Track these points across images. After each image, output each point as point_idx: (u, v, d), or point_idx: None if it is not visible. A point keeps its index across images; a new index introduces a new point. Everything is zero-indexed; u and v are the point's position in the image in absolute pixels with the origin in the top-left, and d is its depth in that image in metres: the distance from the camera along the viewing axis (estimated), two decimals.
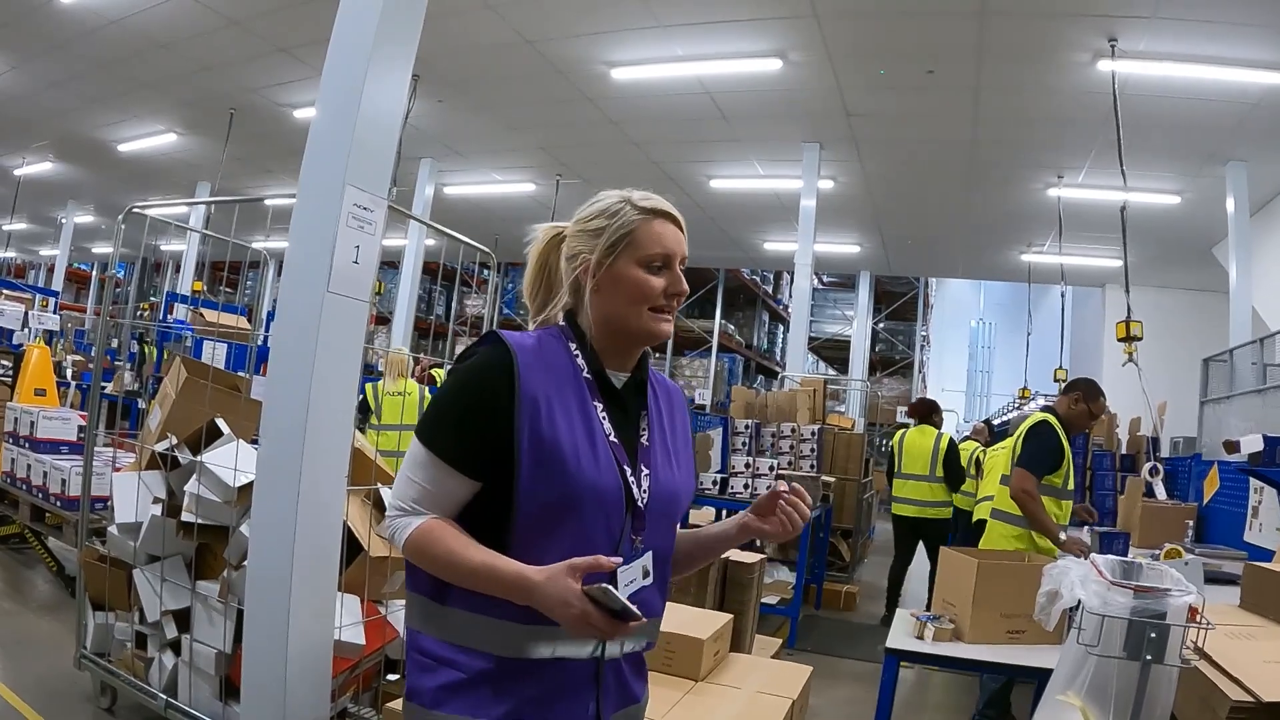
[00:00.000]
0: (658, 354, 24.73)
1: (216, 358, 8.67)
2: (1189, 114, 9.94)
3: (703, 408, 21.78)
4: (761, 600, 5.37)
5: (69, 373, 12.62)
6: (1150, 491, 7.18)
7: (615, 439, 1.75)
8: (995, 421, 19.68)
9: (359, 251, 3.37)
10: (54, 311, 14.91)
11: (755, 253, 20.36)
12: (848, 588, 9.53)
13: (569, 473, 1.65)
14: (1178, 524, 6.56)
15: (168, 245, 24.57)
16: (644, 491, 1.75)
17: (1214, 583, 4.54)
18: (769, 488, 1.91)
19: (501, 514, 1.66)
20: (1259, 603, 3.54)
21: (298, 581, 3.19)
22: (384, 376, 7.92)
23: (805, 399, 9.78)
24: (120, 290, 25.66)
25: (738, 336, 26.03)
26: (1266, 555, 5.22)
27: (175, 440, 4.23)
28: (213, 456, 3.98)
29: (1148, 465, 7.51)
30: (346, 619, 3.57)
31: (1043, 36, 8.77)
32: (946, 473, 8.75)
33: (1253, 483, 5.97)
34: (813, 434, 9.12)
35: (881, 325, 25.81)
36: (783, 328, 28.75)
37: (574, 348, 1.79)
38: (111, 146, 16.34)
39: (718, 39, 9.63)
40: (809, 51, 9.67)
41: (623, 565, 1.64)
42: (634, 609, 1.48)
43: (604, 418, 1.75)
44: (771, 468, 8.38)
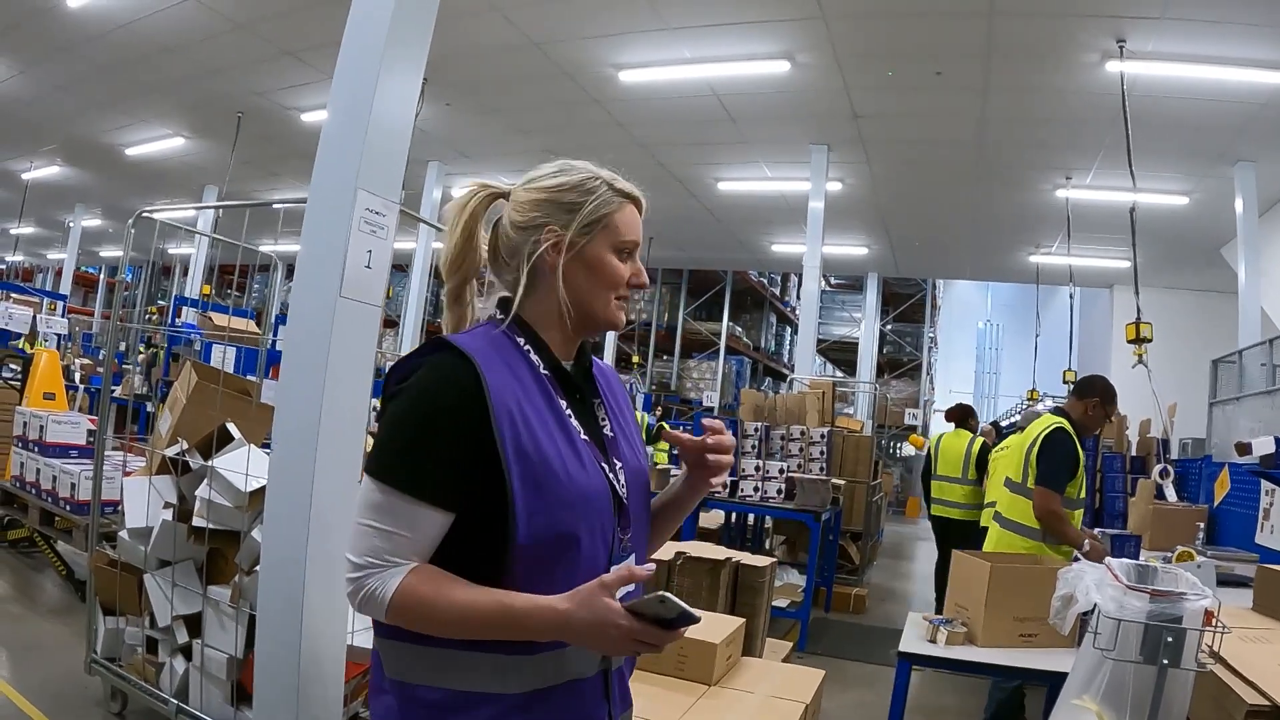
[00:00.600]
0: (665, 356, 24.77)
1: (226, 362, 8.67)
2: (1197, 114, 9.91)
3: (711, 410, 21.76)
4: (772, 603, 5.36)
5: (77, 376, 12.66)
6: (1160, 494, 7.15)
7: (586, 437, 1.64)
8: (1004, 424, 19.66)
9: (371, 256, 3.37)
10: (62, 315, 14.95)
11: (763, 255, 20.37)
12: (857, 590, 9.52)
13: (563, 485, 1.52)
14: (1188, 526, 6.53)
15: (176, 249, 24.61)
16: (623, 486, 1.65)
17: (1226, 585, 4.54)
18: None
19: (493, 545, 1.49)
20: (1271, 605, 3.53)
21: (310, 586, 3.19)
22: None
23: (814, 401, 9.78)
24: (128, 294, 25.74)
25: (745, 339, 26.03)
26: (1278, 557, 5.20)
27: (186, 445, 4.23)
28: (224, 461, 3.99)
29: (1158, 467, 7.46)
30: (359, 624, 3.56)
31: (1051, 37, 8.76)
32: (979, 475, 8.81)
33: (1264, 485, 5.95)
34: (821, 436, 9.11)
35: (889, 327, 25.79)
36: (790, 330, 28.78)
37: (523, 342, 1.65)
38: (119, 150, 16.39)
39: (725, 41, 9.62)
40: (817, 53, 9.66)
41: (615, 567, 1.56)
42: (694, 612, 1.37)
43: (570, 415, 1.63)
44: (781, 470, 8.37)
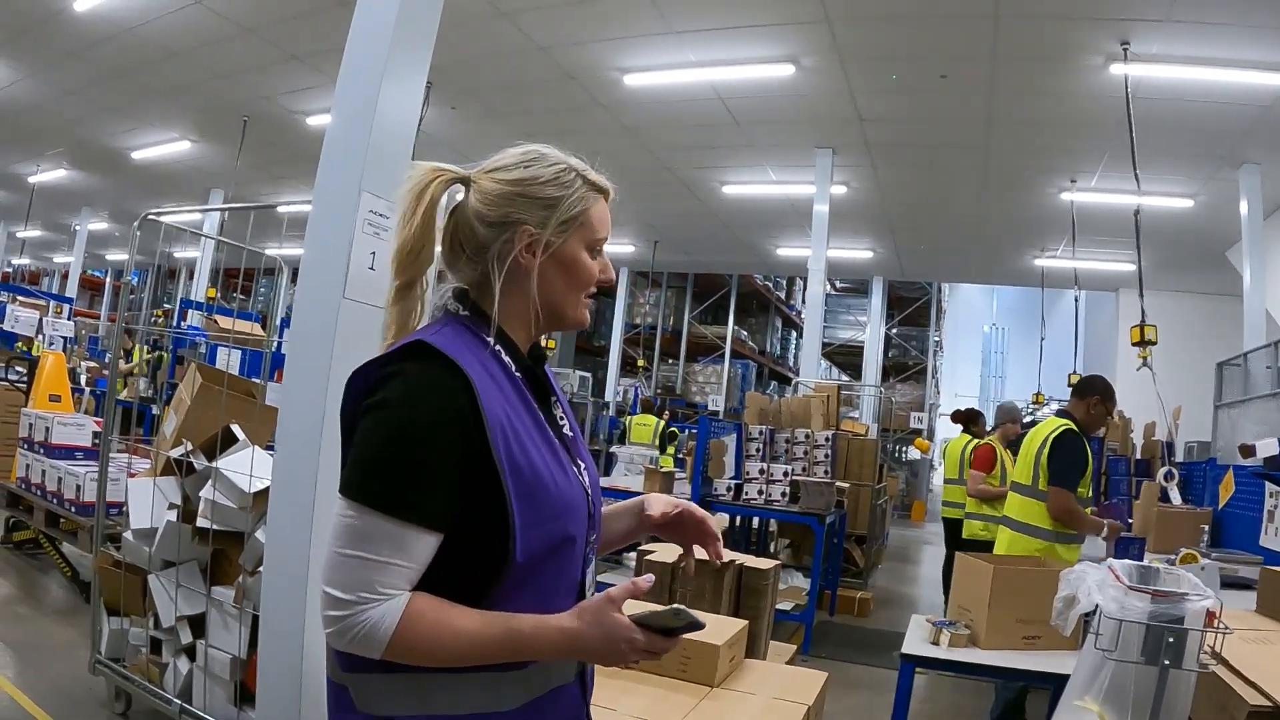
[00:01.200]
0: (670, 359, 24.77)
1: (231, 364, 8.69)
2: (1202, 117, 9.91)
3: (716, 413, 21.75)
4: (776, 606, 5.36)
5: (83, 379, 12.68)
6: (1165, 496, 7.14)
7: (557, 439, 1.56)
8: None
9: (375, 257, 3.38)
10: (68, 318, 14.97)
11: (768, 258, 20.38)
12: (862, 594, 9.51)
13: (552, 497, 1.45)
14: (1193, 528, 6.52)
15: (182, 252, 24.66)
16: (589, 488, 1.59)
17: (1230, 587, 4.53)
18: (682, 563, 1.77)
19: (488, 562, 1.41)
20: (1275, 607, 3.53)
21: (313, 587, 3.19)
22: None
23: (819, 405, 9.78)
24: (134, 297, 25.78)
25: (751, 342, 26.03)
26: None
27: (190, 446, 4.24)
28: (228, 462, 4.00)
29: (1162, 470, 7.46)
30: None
31: (1055, 40, 8.76)
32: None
33: (1268, 487, 5.94)
34: (826, 440, 9.11)
35: (894, 330, 25.75)
36: (796, 333, 28.75)
37: (493, 342, 1.53)
38: (125, 154, 16.43)
39: (730, 45, 9.64)
40: (822, 56, 9.67)
41: (588, 569, 1.58)
42: (700, 619, 1.39)
43: (544, 418, 1.55)
44: (786, 473, 8.37)
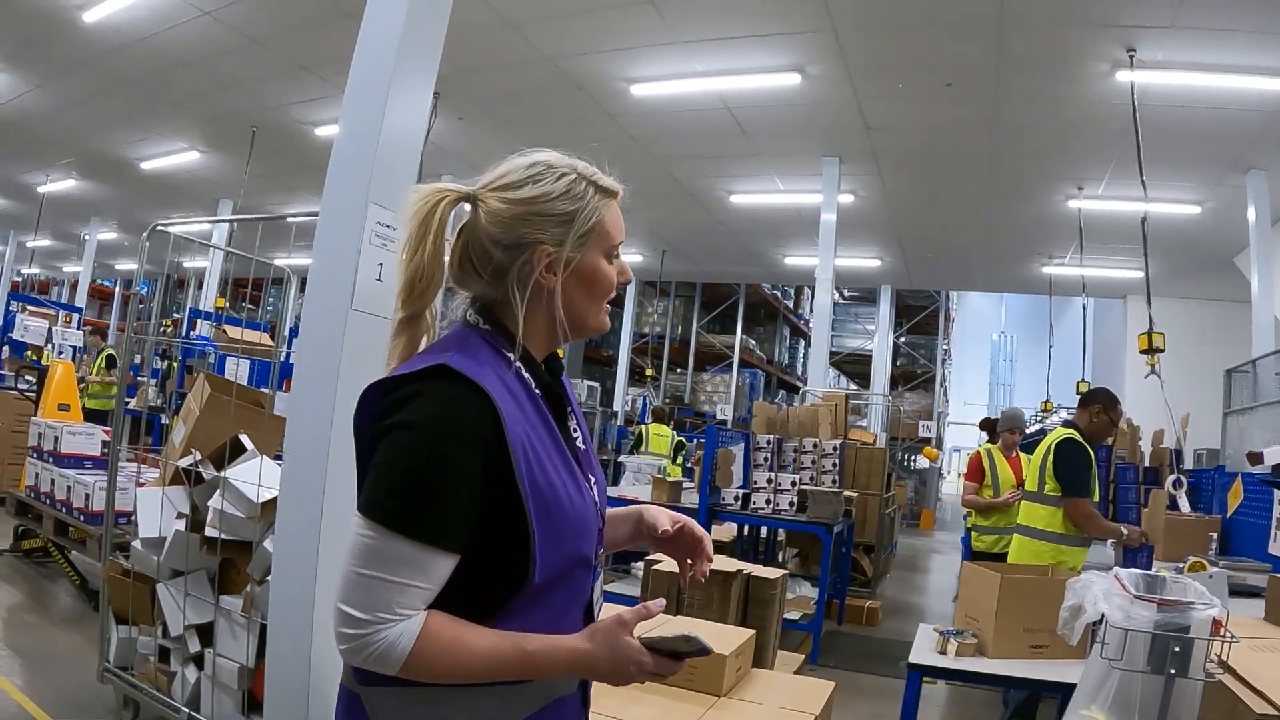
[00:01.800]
0: (678, 369, 24.77)
1: (239, 374, 8.71)
2: (1209, 123, 9.89)
3: (724, 423, 21.75)
4: (784, 616, 5.36)
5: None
6: (1174, 504, 7.13)
7: (570, 454, 1.55)
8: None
9: (382, 269, 3.39)
10: (77, 328, 15.06)
11: (776, 267, 20.38)
12: (870, 603, 9.49)
13: (568, 516, 1.45)
14: (1201, 536, 6.50)
15: (190, 262, 24.73)
16: (599, 503, 1.59)
17: (1238, 595, 4.52)
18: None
19: (507, 582, 1.42)
20: None
21: (321, 596, 3.20)
22: None
23: (827, 414, 9.78)
24: (143, 307, 25.85)
25: (759, 352, 26.05)
26: None
27: (199, 456, 4.25)
28: (236, 472, 4.01)
29: (1171, 478, 7.45)
30: None
31: (1061, 47, 8.76)
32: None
33: (1277, 494, 5.92)
34: (834, 449, 9.11)
35: (903, 339, 25.74)
36: (804, 342, 28.74)
37: (514, 358, 1.50)
38: (134, 164, 16.48)
39: (736, 54, 9.65)
40: (828, 65, 9.68)
41: (595, 582, 1.58)
42: (709, 644, 1.39)
43: (560, 435, 1.53)
44: (794, 482, 8.36)
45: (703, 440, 10.10)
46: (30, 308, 16.06)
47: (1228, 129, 9.98)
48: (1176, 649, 2.27)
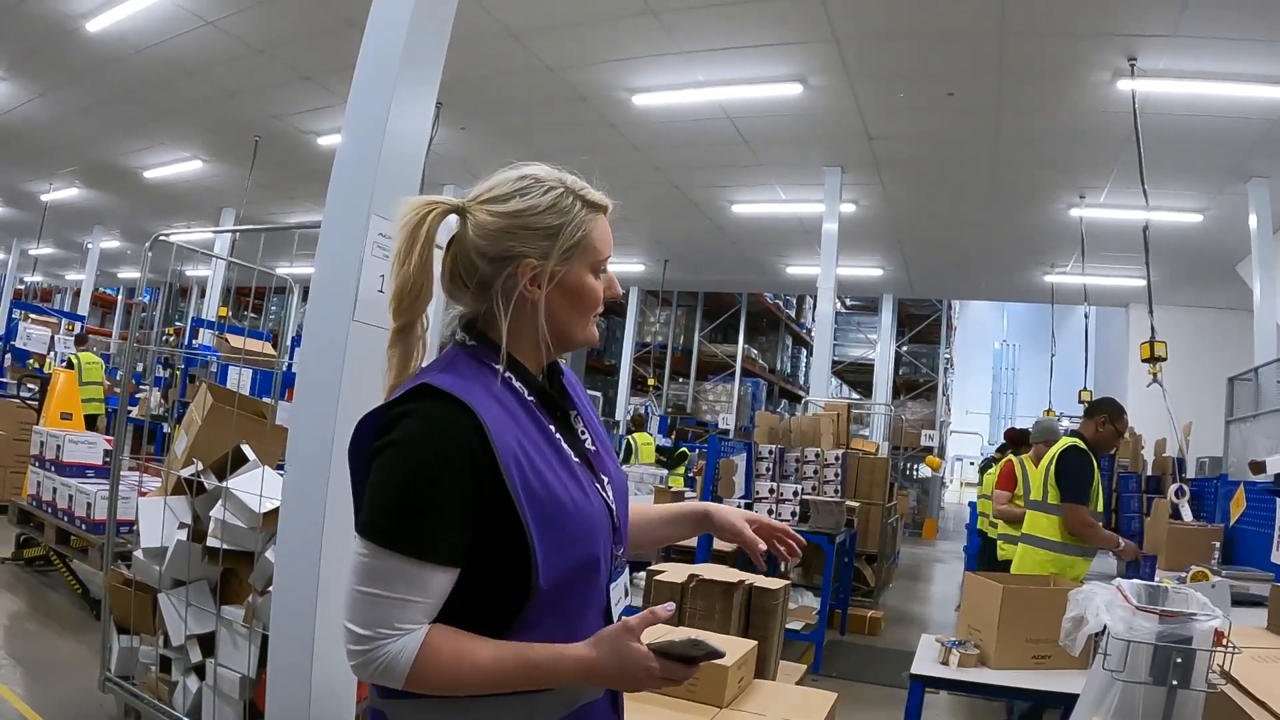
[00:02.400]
0: (680, 378, 24.76)
1: (241, 383, 8.72)
2: (1210, 131, 9.90)
3: (726, 433, 21.73)
4: (786, 626, 5.35)
5: None
6: (1176, 513, 7.12)
7: (578, 459, 1.55)
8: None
9: (384, 280, 3.39)
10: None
11: (778, 277, 20.41)
12: (873, 613, 9.47)
13: (572, 520, 1.46)
14: (1204, 545, 6.49)
15: (193, 270, 24.76)
16: (613, 503, 1.59)
17: (1241, 605, 4.51)
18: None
19: (512, 593, 1.43)
20: None
21: (323, 607, 3.20)
22: None
23: (829, 423, 9.77)
24: (146, 315, 25.84)
25: (761, 361, 26.04)
26: None
27: (201, 465, 4.26)
28: (238, 482, 4.01)
29: (1173, 486, 7.44)
30: None
31: (1062, 56, 8.77)
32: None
33: (1279, 503, 5.92)
34: (837, 459, 9.11)
35: (905, 348, 25.72)
36: (806, 352, 28.74)
37: (502, 369, 1.52)
38: (137, 173, 16.52)
39: (738, 64, 9.66)
40: (829, 75, 9.69)
41: (612, 584, 1.58)
42: (718, 648, 1.39)
43: (561, 440, 1.55)
44: (796, 492, 8.36)
45: (704, 450, 10.10)
46: (33, 316, 16.07)
47: (1229, 137, 9.99)
48: (1179, 660, 2.27)
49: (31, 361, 13.78)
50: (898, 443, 22.24)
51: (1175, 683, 2.27)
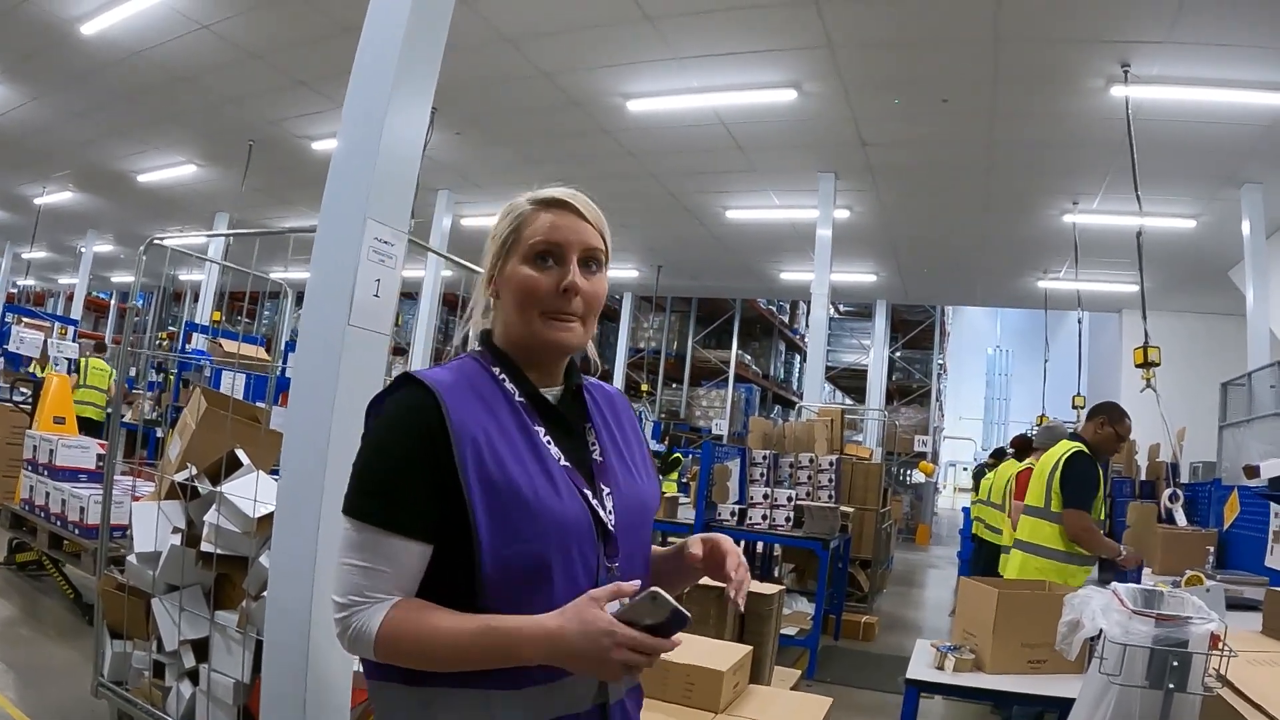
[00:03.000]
0: (674, 384, 24.76)
1: (235, 388, 8.70)
2: (1203, 137, 9.93)
3: (720, 438, 21.73)
4: (780, 631, 5.35)
5: None
6: (1170, 517, 7.14)
7: (567, 462, 1.57)
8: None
9: (380, 285, 3.38)
10: (72, 340, 15.02)
11: (771, 283, 20.41)
12: (866, 618, 9.47)
13: (532, 512, 1.46)
14: (1198, 550, 6.51)
15: (187, 275, 24.72)
16: (610, 513, 1.58)
17: (1236, 609, 4.51)
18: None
19: (466, 575, 1.46)
20: None
21: (317, 612, 3.19)
22: None
23: (823, 429, 9.77)
24: (139, 320, 25.79)
25: (754, 366, 26.06)
26: None
27: (195, 470, 4.24)
28: (232, 487, 3.99)
29: (1167, 491, 7.47)
30: None
31: (1056, 63, 8.80)
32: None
33: (1274, 507, 5.92)
34: (830, 464, 9.10)
35: (898, 354, 25.78)
36: (799, 357, 28.78)
37: (498, 371, 1.61)
38: (131, 177, 16.51)
39: (733, 70, 9.68)
40: (824, 82, 9.71)
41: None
42: (685, 610, 1.34)
43: (549, 442, 1.57)
44: (790, 498, 8.36)
45: (698, 455, 10.09)
46: (26, 319, 16.03)
47: (1222, 143, 10.03)
48: (1175, 664, 2.27)
49: (35, 364, 13.72)
50: (891, 448, 22.27)
51: (1172, 686, 2.27)
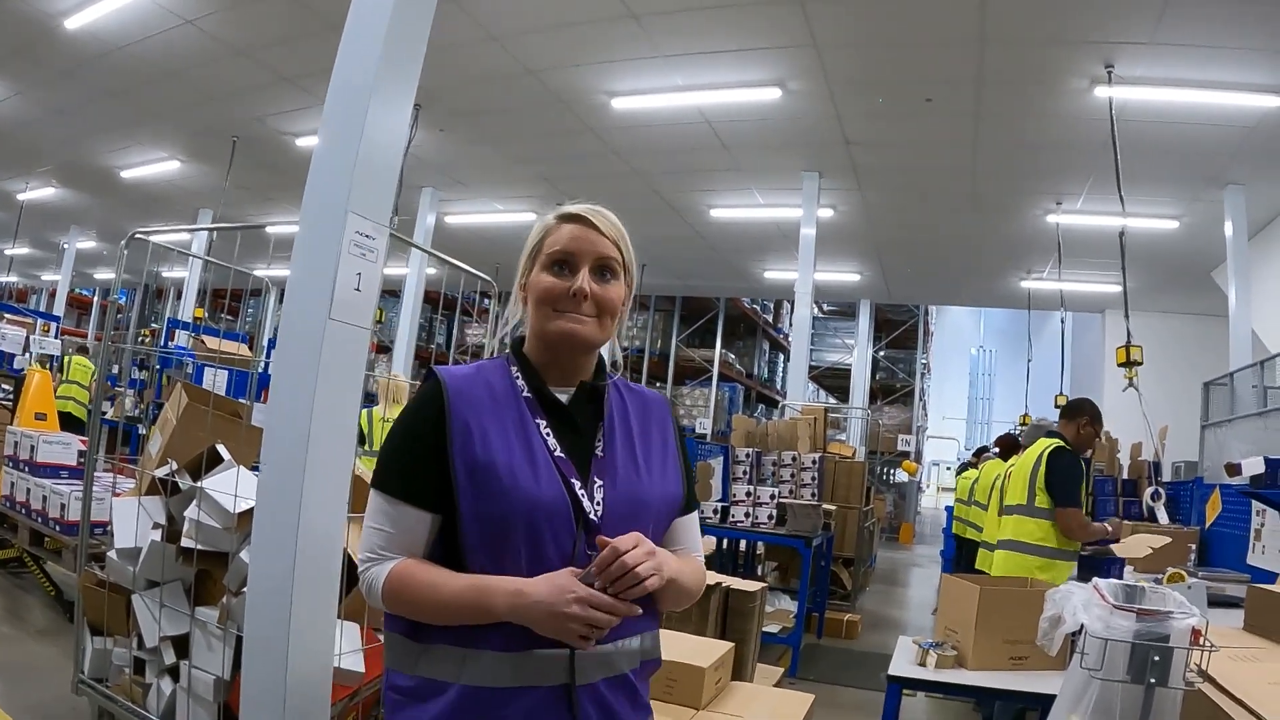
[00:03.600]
0: (658, 382, 24.77)
1: (217, 384, 8.67)
2: (1186, 138, 9.99)
3: (703, 436, 21.74)
4: (763, 629, 5.35)
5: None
6: (1152, 515, 7.16)
7: (562, 454, 1.74)
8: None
9: (360, 279, 3.37)
10: (55, 336, 14.95)
11: (755, 282, 20.42)
12: (849, 616, 9.49)
13: (505, 491, 1.65)
14: (1180, 548, 6.53)
15: (169, 272, 24.63)
16: (597, 504, 1.71)
17: (1217, 606, 4.54)
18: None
19: (455, 542, 1.70)
20: (1262, 625, 3.53)
21: (297, 608, 3.17)
22: (379, 402, 7.83)
23: (806, 427, 9.78)
24: (122, 316, 25.67)
25: (738, 365, 26.06)
26: (1269, 578, 5.20)
27: (176, 466, 4.22)
28: (213, 482, 3.97)
29: (1149, 490, 7.48)
30: (346, 646, 3.55)
31: (1040, 63, 8.82)
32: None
33: (1255, 505, 5.95)
34: (813, 462, 9.11)
35: (882, 353, 25.84)
36: (783, 356, 28.79)
37: (514, 370, 1.82)
38: (114, 173, 16.43)
39: (717, 68, 9.68)
40: (808, 80, 9.72)
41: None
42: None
43: (547, 434, 1.75)
44: (773, 496, 8.36)
45: None
46: (8, 315, 15.93)
47: (1205, 144, 10.08)
48: (1156, 658, 2.27)
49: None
50: (875, 447, 22.35)
51: (1153, 681, 2.27)
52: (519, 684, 1.62)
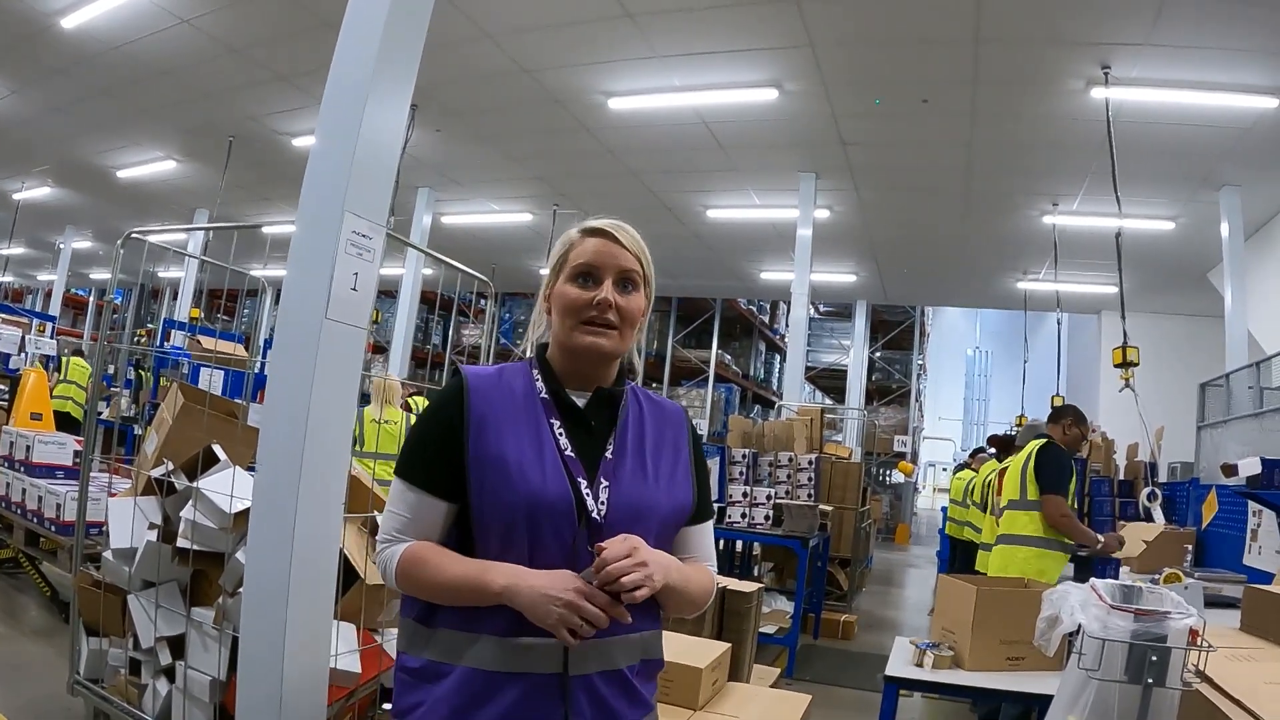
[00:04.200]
0: (654, 383, 24.75)
1: (213, 385, 8.65)
2: (1183, 139, 10.00)
3: (700, 437, 21.71)
4: (759, 629, 5.34)
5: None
6: (1148, 516, 7.18)
7: (572, 453, 1.82)
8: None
9: (357, 278, 3.36)
10: (51, 336, 14.91)
11: (752, 282, 20.43)
12: (846, 617, 9.49)
13: (510, 484, 1.74)
14: (1176, 549, 6.54)
15: (165, 272, 24.57)
16: (601, 503, 1.79)
17: (1214, 606, 4.54)
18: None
19: (468, 531, 1.80)
20: (1259, 625, 3.53)
21: (293, 609, 3.17)
22: (372, 403, 7.82)
23: (802, 428, 9.78)
24: (118, 316, 25.63)
25: (734, 366, 26.03)
26: (1266, 578, 5.21)
27: (171, 466, 4.21)
28: (209, 483, 3.96)
29: (1145, 490, 7.50)
30: (342, 647, 3.55)
31: (1037, 64, 8.83)
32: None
33: (1251, 506, 5.96)
34: (810, 463, 9.11)
35: (878, 354, 25.83)
36: (779, 357, 28.77)
37: (536, 374, 1.90)
38: (110, 172, 16.41)
39: (714, 69, 9.68)
40: (805, 81, 9.72)
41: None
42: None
43: (560, 434, 1.83)
44: (769, 496, 8.36)
45: None
46: (4, 315, 15.91)
47: (1201, 145, 10.09)
48: (1154, 658, 2.27)
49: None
50: (871, 448, 22.33)
51: (1150, 681, 2.27)
52: (512, 669, 1.71)
